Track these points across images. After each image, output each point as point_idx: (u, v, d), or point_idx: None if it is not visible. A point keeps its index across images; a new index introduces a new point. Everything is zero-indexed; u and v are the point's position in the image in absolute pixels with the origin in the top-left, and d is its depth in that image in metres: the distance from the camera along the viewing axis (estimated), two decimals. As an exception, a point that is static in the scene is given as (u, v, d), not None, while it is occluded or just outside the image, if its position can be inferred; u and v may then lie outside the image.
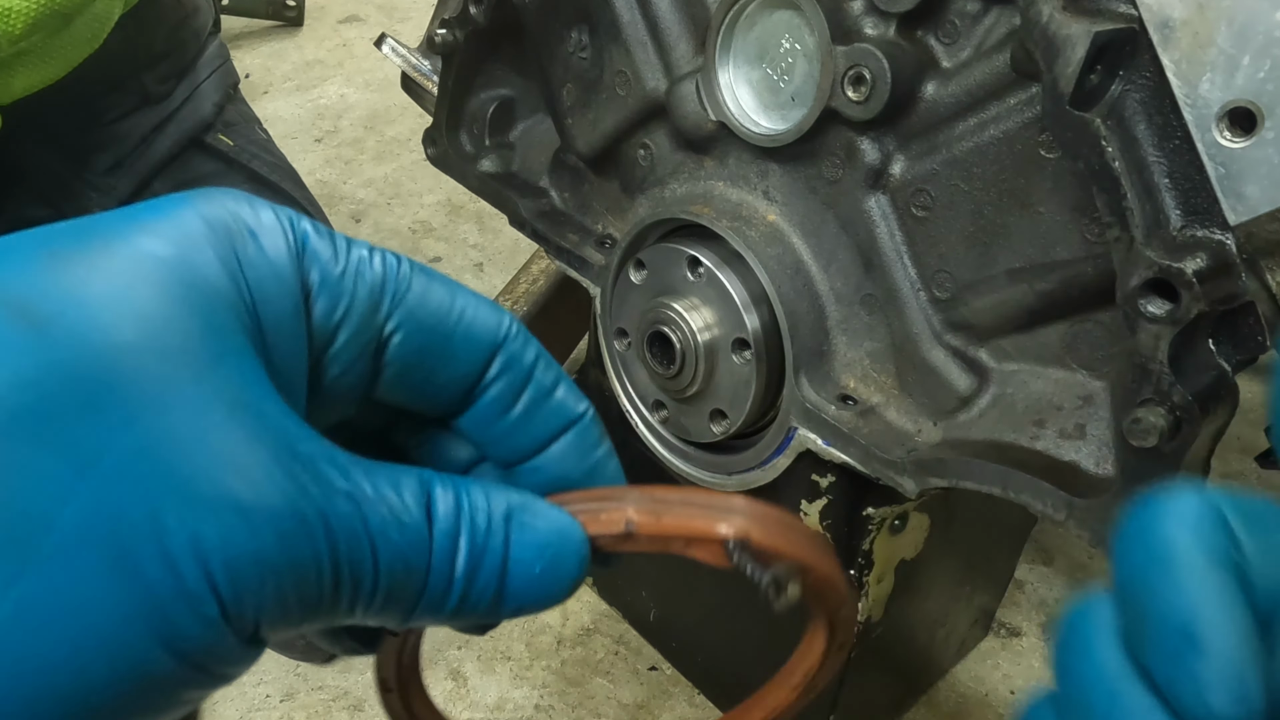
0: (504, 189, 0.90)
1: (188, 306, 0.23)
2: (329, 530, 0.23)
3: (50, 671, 0.21)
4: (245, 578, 0.22)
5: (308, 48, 2.36)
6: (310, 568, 0.23)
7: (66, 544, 0.21)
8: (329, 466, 0.24)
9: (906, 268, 0.66)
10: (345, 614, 0.25)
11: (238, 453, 0.22)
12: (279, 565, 0.23)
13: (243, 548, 0.22)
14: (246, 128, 1.16)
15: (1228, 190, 0.47)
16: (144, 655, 0.22)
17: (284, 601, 0.23)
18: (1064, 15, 0.49)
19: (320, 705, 1.07)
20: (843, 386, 0.71)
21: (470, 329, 0.28)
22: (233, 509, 0.22)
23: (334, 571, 0.24)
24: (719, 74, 0.69)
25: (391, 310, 0.27)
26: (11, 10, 0.73)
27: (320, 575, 0.23)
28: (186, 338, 0.23)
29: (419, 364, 0.28)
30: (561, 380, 0.30)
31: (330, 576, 0.24)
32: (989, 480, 0.60)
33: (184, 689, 0.23)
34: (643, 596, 1.08)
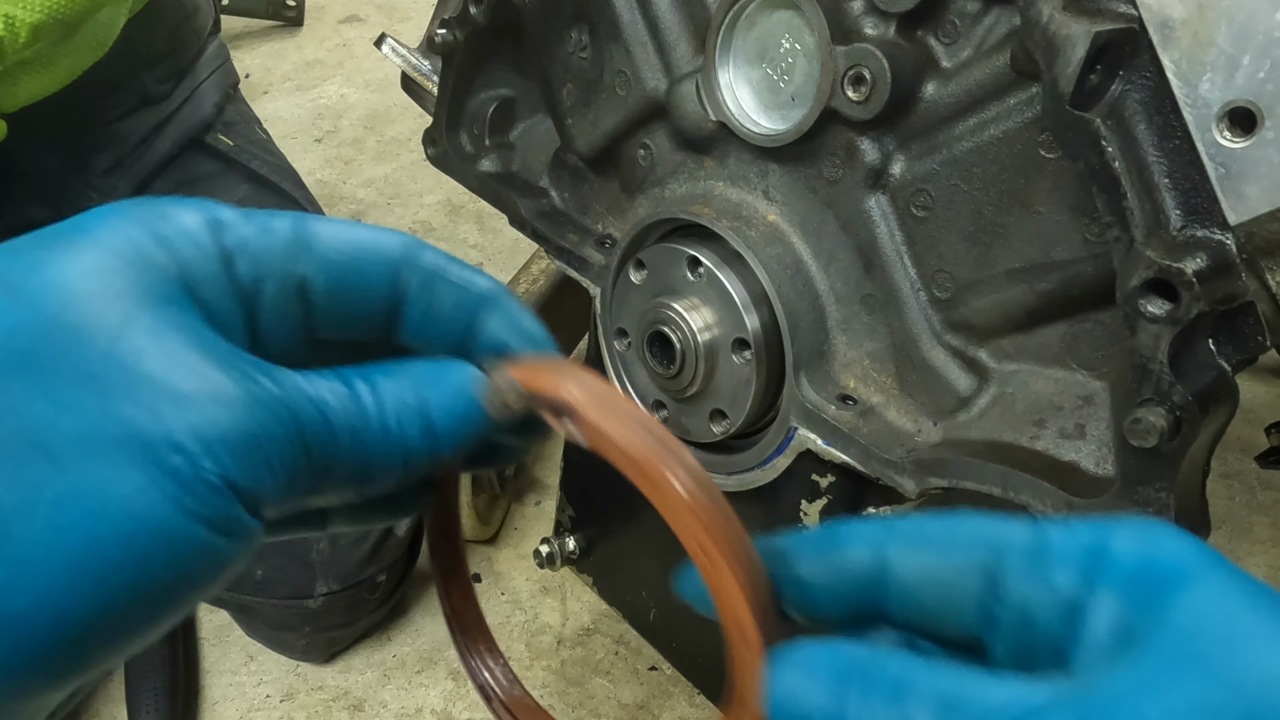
0: (504, 189, 0.90)
1: (131, 266, 0.28)
2: (288, 408, 0.28)
3: (99, 559, 0.25)
4: (240, 452, 0.27)
5: (308, 48, 2.36)
6: (282, 438, 0.28)
7: (78, 448, 0.25)
8: (268, 369, 0.29)
9: (906, 268, 0.66)
10: (324, 480, 0.30)
11: (198, 363, 0.27)
12: (260, 438, 0.27)
13: (230, 428, 0.27)
14: (246, 128, 1.16)
15: (1228, 190, 0.47)
16: (177, 527, 0.26)
17: (272, 470, 0.28)
18: (1064, 15, 0.49)
19: (320, 705, 1.07)
20: (843, 386, 0.71)
21: (373, 254, 0.33)
22: (212, 400, 0.27)
23: (301, 440, 0.28)
24: (719, 74, 0.69)
25: (302, 257, 0.32)
26: (16, 18, 0.74)
27: (291, 444, 0.28)
28: (134, 286, 0.28)
29: (340, 297, 0.32)
30: (469, 271, 0.34)
31: (299, 444, 0.28)
32: (989, 480, 0.60)
33: (212, 561, 0.27)
34: (643, 596, 1.08)
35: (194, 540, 0.26)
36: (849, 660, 0.28)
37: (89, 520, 0.25)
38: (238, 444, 0.27)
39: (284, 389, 0.29)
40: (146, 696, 1.02)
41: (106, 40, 0.88)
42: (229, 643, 1.13)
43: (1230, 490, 1.30)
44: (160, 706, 1.02)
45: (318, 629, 1.06)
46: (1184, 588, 0.26)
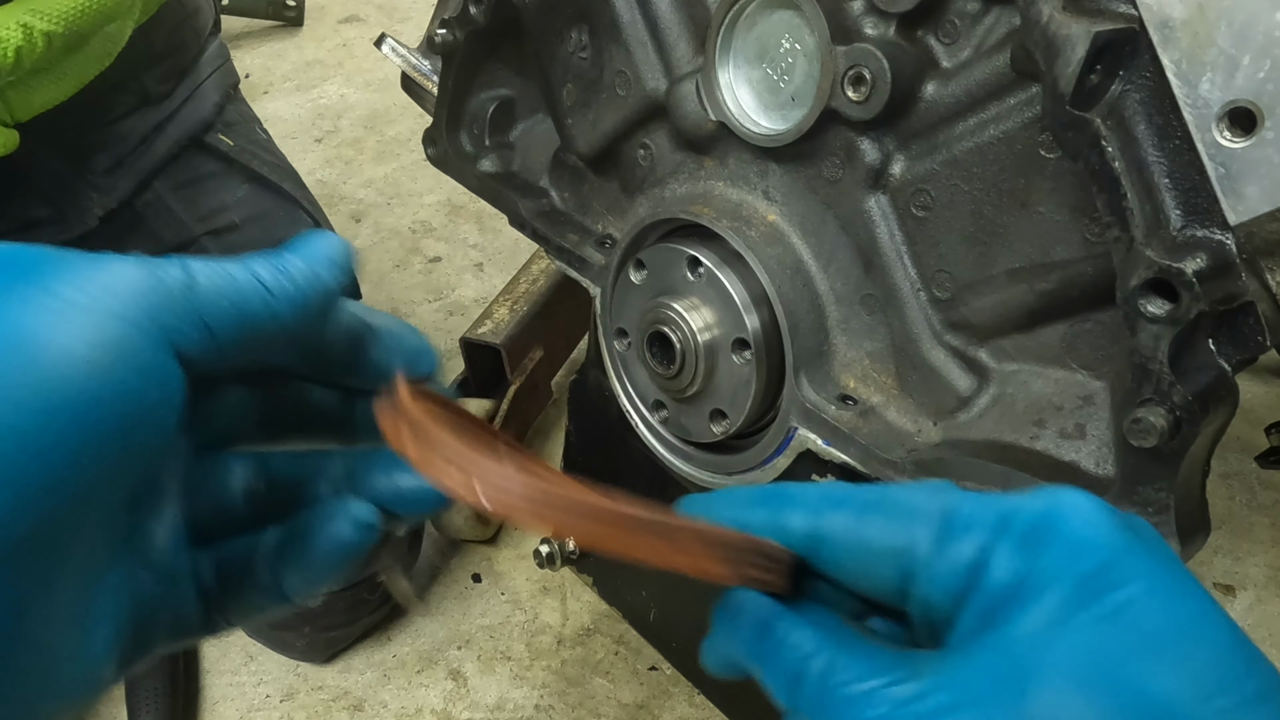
0: (504, 189, 0.90)
1: None
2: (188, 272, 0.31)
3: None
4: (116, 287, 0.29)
5: (308, 48, 2.36)
6: (161, 288, 0.31)
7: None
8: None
9: (906, 268, 0.66)
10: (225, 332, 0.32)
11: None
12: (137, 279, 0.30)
13: (106, 268, 0.30)
14: (247, 128, 1.15)
15: (1228, 190, 0.47)
16: (49, 339, 0.28)
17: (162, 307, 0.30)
18: (1064, 15, 0.49)
19: (320, 705, 1.07)
20: (843, 386, 0.71)
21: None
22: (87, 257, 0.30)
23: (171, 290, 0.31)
24: (719, 74, 0.69)
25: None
26: (34, 28, 0.76)
27: (163, 290, 0.31)
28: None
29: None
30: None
31: (169, 292, 0.31)
32: (989, 480, 0.60)
33: (108, 391, 0.28)
34: (643, 596, 1.08)
35: (81, 357, 0.27)
36: (769, 611, 0.34)
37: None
38: (117, 285, 0.29)
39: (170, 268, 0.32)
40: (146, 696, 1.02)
41: (114, 50, 0.89)
42: (229, 643, 1.13)
43: (1230, 490, 1.30)
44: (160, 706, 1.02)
45: (318, 629, 1.06)
46: (1059, 532, 0.30)
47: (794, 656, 0.33)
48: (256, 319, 0.33)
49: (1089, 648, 0.28)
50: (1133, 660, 0.27)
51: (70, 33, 0.79)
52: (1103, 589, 0.29)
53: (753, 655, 0.35)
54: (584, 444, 1.04)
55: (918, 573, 0.32)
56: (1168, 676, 0.27)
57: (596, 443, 1.02)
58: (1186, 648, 0.28)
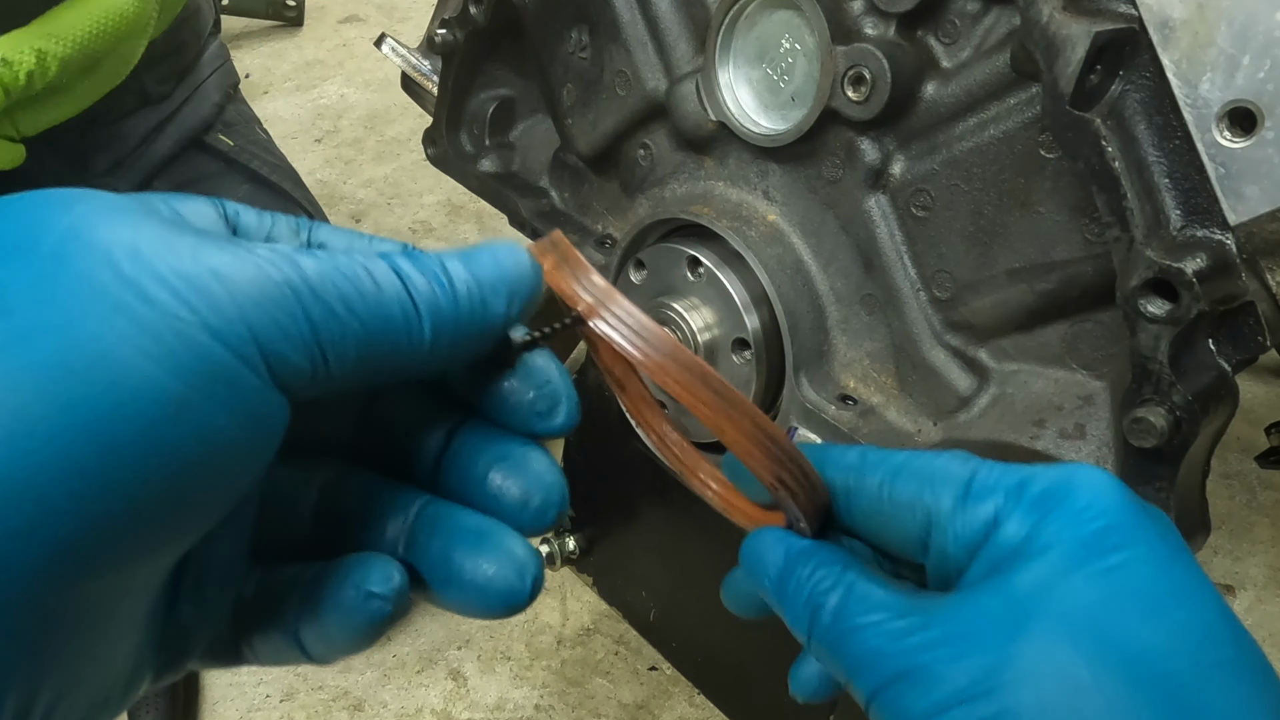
0: (504, 189, 0.90)
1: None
2: (281, 265, 0.25)
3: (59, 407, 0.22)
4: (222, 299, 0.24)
5: (308, 48, 2.36)
6: (275, 291, 0.25)
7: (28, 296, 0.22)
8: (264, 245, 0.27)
9: (906, 268, 0.66)
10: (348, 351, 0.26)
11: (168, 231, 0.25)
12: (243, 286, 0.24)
13: (202, 272, 0.24)
14: (246, 128, 1.16)
15: (1228, 190, 0.47)
16: (144, 374, 0.23)
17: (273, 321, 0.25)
18: (1064, 15, 0.49)
19: (320, 705, 1.07)
20: (843, 386, 0.71)
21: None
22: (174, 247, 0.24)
23: (298, 292, 0.25)
24: (719, 74, 0.69)
25: None
26: (48, 53, 0.77)
27: (284, 296, 0.25)
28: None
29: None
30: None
31: (295, 298, 0.25)
32: (989, 480, 0.60)
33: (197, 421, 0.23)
34: (643, 596, 1.08)
35: (165, 393, 0.23)
36: (795, 547, 0.36)
37: (36, 366, 0.22)
38: (217, 286, 0.24)
39: (291, 250, 0.26)
40: (146, 696, 1.02)
41: (125, 70, 0.91)
42: (229, 643, 1.13)
43: (1230, 490, 1.30)
44: (160, 706, 1.02)
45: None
46: (1067, 500, 0.31)
47: (814, 590, 0.34)
48: (387, 342, 0.27)
49: (1081, 599, 0.29)
50: (1119, 613, 0.29)
51: (83, 55, 0.80)
52: (1103, 550, 0.30)
53: (775, 589, 0.36)
54: (584, 444, 1.04)
55: (940, 525, 0.33)
56: (1151, 631, 0.29)
57: (596, 443, 1.02)
58: (1172, 608, 0.29)
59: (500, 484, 0.31)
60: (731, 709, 1.03)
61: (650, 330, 0.32)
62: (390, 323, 0.27)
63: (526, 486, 0.31)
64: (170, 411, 0.23)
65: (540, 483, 0.31)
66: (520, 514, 0.31)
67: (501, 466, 0.31)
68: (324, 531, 0.32)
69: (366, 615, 0.29)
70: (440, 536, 0.31)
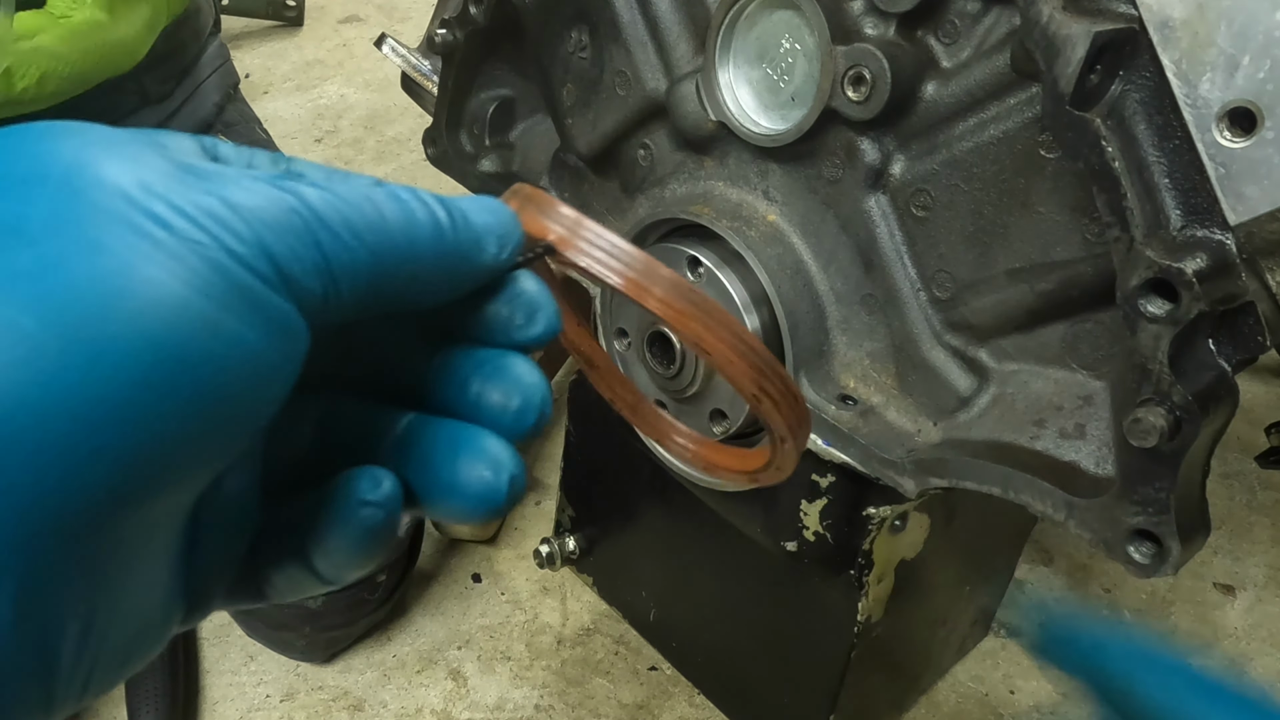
0: (504, 189, 0.90)
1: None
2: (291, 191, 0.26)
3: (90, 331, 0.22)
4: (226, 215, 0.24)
5: (308, 48, 2.36)
6: (288, 211, 0.25)
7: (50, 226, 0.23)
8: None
9: (906, 268, 0.66)
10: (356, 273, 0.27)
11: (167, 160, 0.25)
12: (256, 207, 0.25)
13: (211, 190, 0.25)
14: (247, 128, 1.16)
15: (1228, 190, 0.47)
16: (168, 293, 0.23)
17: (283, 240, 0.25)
18: (1064, 15, 0.49)
19: (320, 705, 1.07)
20: (843, 386, 0.71)
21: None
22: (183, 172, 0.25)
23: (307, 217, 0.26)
24: (719, 74, 0.69)
25: None
26: (47, 74, 0.77)
27: (298, 218, 0.26)
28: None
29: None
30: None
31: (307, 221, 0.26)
32: (989, 481, 0.60)
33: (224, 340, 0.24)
34: (643, 596, 1.08)
35: (196, 311, 0.23)
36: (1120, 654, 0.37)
37: (70, 292, 0.22)
38: (229, 213, 0.25)
39: (290, 179, 0.27)
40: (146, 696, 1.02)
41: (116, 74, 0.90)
42: (229, 643, 1.13)
43: (1230, 490, 1.30)
44: (160, 706, 1.02)
45: (318, 629, 1.06)
46: None
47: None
48: (392, 269, 0.28)
49: None
50: None
51: (79, 82, 0.81)
52: None
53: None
54: (584, 444, 1.04)
55: None
56: None
57: (596, 443, 1.02)
58: None
59: (480, 391, 0.32)
60: (731, 709, 1.03)
61: (624, 249, 0.32)
62: (395, 251, 0.28)
63: (506, 390, 0.31)
64: (207, 330, 0.23)
65: (519, 385, 0.31)
66: (501, 418, 0.31)
67: (480, 374, 0.32)
68: (322, 462, 0.33)
69: (362, 525, 0.30)
70: (422, 446, 0.31)
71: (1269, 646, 1.10)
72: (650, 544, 1.03)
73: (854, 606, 0.81)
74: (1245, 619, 1.14)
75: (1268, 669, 1.08)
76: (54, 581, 0.23)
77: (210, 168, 0.26)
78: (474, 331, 0.33)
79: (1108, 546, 0.54)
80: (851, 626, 0.82)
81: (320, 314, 0.26)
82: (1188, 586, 1.18)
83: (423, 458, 0.31)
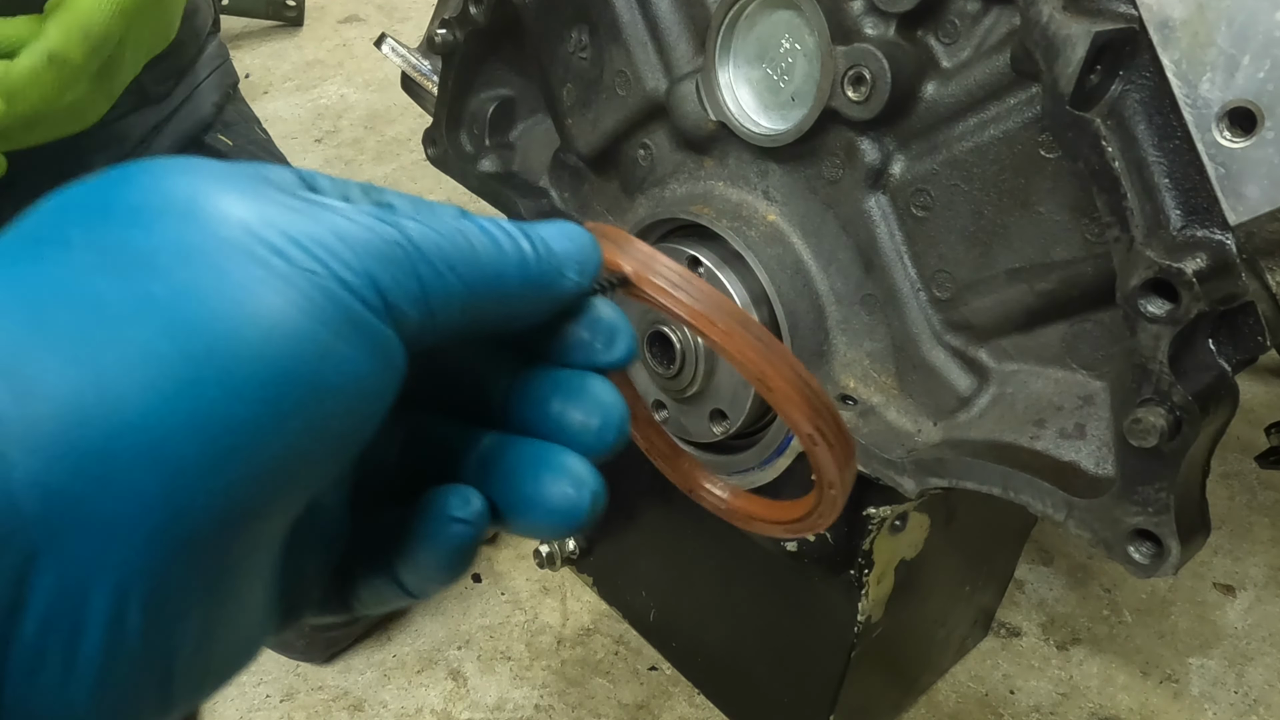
0: (504, 189, 0.90)
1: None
2: (394, 226, 0.28)
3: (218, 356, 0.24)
4: (344, 251, 0.26)
5: (308, 48, 2.36)
6: (392, 245, 0.27)
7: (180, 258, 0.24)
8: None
9: (906, 268, 0.66)
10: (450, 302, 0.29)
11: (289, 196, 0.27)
12: (366, 242, 0.27)
13: (332, 230, 0.26)
14: (246, 127, 1.15)
15: (1228, 190, 0.47)
16: (291, 322, 0.25)
17: (392, 274, 0.27)
18: (1064, 15, 0.49)
19: (320, 705, 1.07)
20: (843, 386, 0.71)
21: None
22: (306, 208, 0.27)
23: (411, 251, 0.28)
24: (719, 74, 0.69)
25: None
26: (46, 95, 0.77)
27: (404, 253, 0.28)
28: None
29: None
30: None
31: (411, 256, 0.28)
32: (989, 480, 0.60)
33: (339, 369, 0.26)
34: (643, 596, 1.08)
35: (312, 337, 0.25)
36: None
37: (201, 319, 0.24)
38: (340, 245, 0.26)
39: (389, 213, 0.28)
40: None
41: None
42: (229, 643, 1.13)
43: (1230, 490, 1.30)
44: (160, 706, 1.02)
45: (318, 629, 1.06)
46: None
47: None
48: (483, 299, 0.30)
49: None
50: None
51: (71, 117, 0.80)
52: None
53: None
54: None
55: None
56: None
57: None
58: None
59: (561, 411, 0.33)
60: (731, 709, 1.03)
61: (693, 283, 0.34)
62: (486, 282, 0.30)
63: (587, 409, 0.33)
64: (321, 354, 0.25)
65: (599, 405, 0.33)
66: (582, 436, 0.33)
67: (561, 395, 0.33)
68: (406, 478, 0.34)
69: (451, 541, 0.31)
70: (505, 463, 0.33)
71: (1269, 646, 1.10)
72: (650, 544, 1.03)
73: (854, 606, 0.81)
74: (1245, 619, 1.14)
75: (1268, 669, 1.08)
76: (178, 591, 0.24)
77: (316, 200, 0.28)
78: (553, 353, 0.34)
79: (1108, 546, 0.54)
80: (851, 626, 0.82)
81: (416, 340, 0.28)
82: (1188, 586, 1.18)
83: (506, 475, 0.32)
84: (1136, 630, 1.14)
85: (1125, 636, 1.13)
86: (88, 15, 0.75)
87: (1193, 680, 1.08)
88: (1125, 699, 1.06)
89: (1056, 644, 1.12)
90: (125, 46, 0.83)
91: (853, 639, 0.83)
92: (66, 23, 0.75)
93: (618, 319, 0.34)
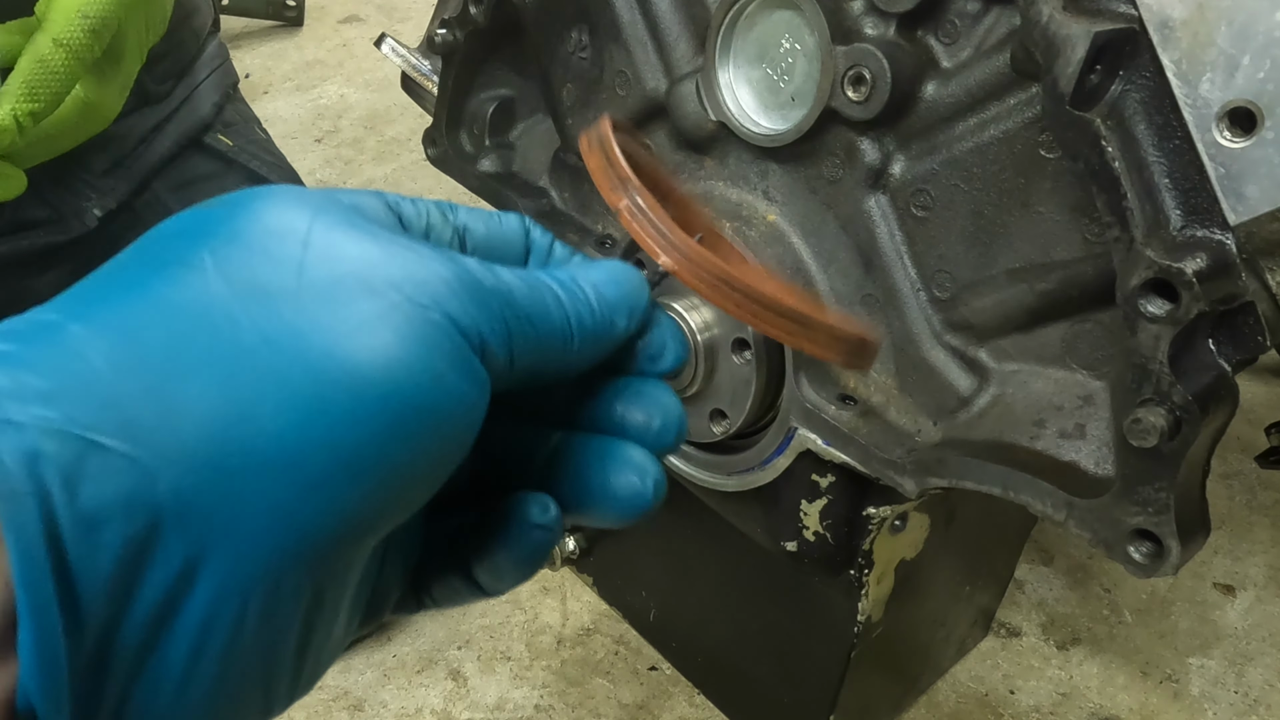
0: (504, 189, 0.90)
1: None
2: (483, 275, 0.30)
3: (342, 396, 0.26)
4: (453, 296, 0.29)
5: (308, 48, 2.36)
6: (488, 293, 0.30)
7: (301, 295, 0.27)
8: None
9: (906, 268, 0.66)
10: (527, 350, 0.31)
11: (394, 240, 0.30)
12: (471, 287, 0.29)
13: (445, 277, 0.29)
14: (246, 127, 1.15)
15: (1228, 190, 0.47)
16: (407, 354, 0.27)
17: (488, 316, 0.30)
18: (1064, 15, 0.49)
19: (320, 705, 1.07)
20: (843, 386, 0.71)
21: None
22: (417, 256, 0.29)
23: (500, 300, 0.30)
24: (719, 74, 0.69)
25: None
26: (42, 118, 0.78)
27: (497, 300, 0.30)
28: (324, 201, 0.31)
29: None
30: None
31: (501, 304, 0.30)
32: (989, 480, 0.60)
33: (449, 398, 0.28)
34: (643, 596, 1.08)
35: (428, 366, 0.27)
36: None
37: (328, 347, 0.26)
38: (450, 291, 0.28)
39: (476, 265, 0.31)
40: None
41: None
42: (229, 643, 1.13)
43: (1230, 490, 1.30)
44: (160, 707, 1.02)
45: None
46: None
47: None
48: (550, 350, 0.32)
49: None
50: None
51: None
52: None
53: None
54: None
55: None
56: None
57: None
58: None
59: (624, 412, 0.36)
60: (731, 709, 1.03)
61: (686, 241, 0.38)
62: (554, 336, 0.32)
63: (648, 411, 0.36)
64: (434, 382, 0.27)
65: (659, 406, 0.36)
66: (644, 435, 0.36)
67: (623, 398, 0.36)
68: (479, 478, 0.37)
69: (531, 545, 0.34)
70: (573, 459, 0.35)
71: (1269, 646, 1.10)
72: (650, 544, 1.03)
73: (854, 606, 0.81)
74: (1245, 619, 1.14)
75: (1268, 669, 1.08)
76: (291, 597, 0.26)
77: (417, 243, 0.30)
78: (612, 362, 0.37)
79: (1107, 546, 0.54)
80: (851, 626, 0.82)
81: (500, 380, 0.30)
82: (1188, 586, 1.18)
83: (574, 469, 0.35)
84: (1136, 630, 1.14)
85: (1125, 636, 1.13)
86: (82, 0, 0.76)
87: (1193, 680, 1.08)
88: (1125, 699, 1.06)
89: (1056, 644, 1.12)
90: (125, 36, 0.83)
91: (853, 639, 0.83)
92: (63, 8, 0.76)
93: (666, 328, 0.37)
